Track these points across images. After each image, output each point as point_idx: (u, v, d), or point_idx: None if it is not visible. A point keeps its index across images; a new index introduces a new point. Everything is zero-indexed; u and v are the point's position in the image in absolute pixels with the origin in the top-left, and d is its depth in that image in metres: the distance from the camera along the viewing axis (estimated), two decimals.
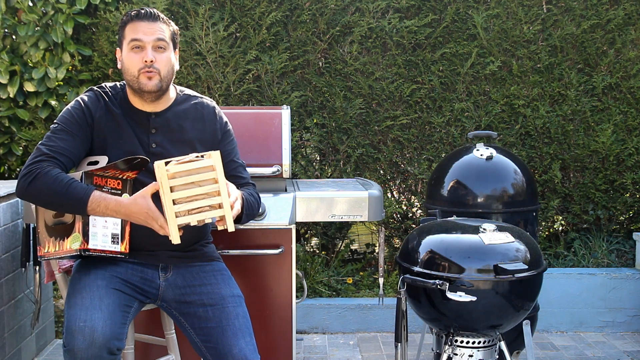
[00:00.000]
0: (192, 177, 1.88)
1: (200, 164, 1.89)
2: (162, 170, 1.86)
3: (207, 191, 1.89)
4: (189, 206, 1.88)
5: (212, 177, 1.89)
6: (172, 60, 2.14)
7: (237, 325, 2.10)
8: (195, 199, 1.89)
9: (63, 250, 2.01)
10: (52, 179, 1.95)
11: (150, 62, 2.06)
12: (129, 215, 1.96)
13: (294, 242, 2.66)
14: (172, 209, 1.87)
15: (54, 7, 3.85)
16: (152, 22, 2.10)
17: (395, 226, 4.35)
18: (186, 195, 1.88)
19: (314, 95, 4.14)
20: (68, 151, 2.05)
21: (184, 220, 1.88)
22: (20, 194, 2.01)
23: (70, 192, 1.94)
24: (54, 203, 1.98)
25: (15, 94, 3.95)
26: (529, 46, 4.09)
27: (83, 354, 1.86)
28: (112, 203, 1.96)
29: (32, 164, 1.99)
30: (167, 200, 1.87)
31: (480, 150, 2.89)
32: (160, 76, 2.09)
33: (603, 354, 3.50)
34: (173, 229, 1.88)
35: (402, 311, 2.31)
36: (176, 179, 1.87)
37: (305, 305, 3.78)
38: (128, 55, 2.10)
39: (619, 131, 4.13)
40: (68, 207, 1.98)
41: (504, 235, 2.33)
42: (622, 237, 4.28)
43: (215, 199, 1.90)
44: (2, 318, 2.94)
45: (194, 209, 1.89)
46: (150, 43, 2.08)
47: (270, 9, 3.96)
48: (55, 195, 1.95)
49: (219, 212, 1.90)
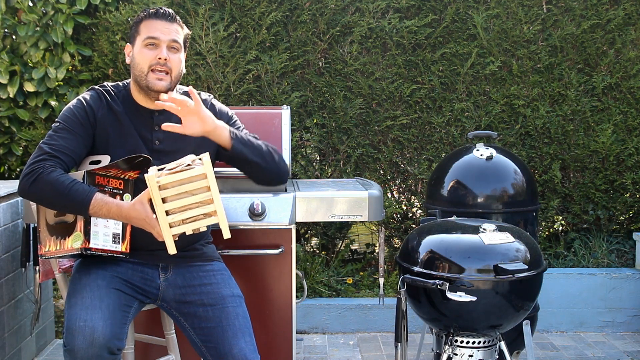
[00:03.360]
0: (184, 186, 1.87)
1: (191, 173, 1.88)
2: (152, 182, 1.86)
3: (201, 199, 1.89)
4: (183, 216, 1.88)
5: (205, 185, 1.88)
6: (182, 62, 2.17)
7: (237, 325, 2.11)
8: (188, 208, 1.88)
9: (64, 249, 2.01)
10: (54, 180, 1.96)
11: (164, 60, 2.09)
12: (129, 219, 1.98)
13: (294, 242, 2.66)
14: (165, 220, 1.87)
15: (54, 7, 3.84)
16: (169, 23, 2.13)
17: (395, 226, 4.35)
18: (179, 206, 1.87)
19: (314, 95, 4.14)
20: (70, 150, 2.05)
21: (178, 230, 1.89)
22: (23, 193, 2.02)
23: (72, 194, 1.95)
24: (55, 204, 1.99)
25: (15, 94, 3.95)
26: (529, 46, 4.08)
27: (83, 354, 1.86)
28: (113, 207, 1.97)
29: (34, 163, 1.99)
30: (160, 212, 1.87)
31: (480, 150, 2.89)
32: (171, 77, 2.12)
33: (603, 354, 3.50)
34: (168, 239, 1.88)
35: (402, 311, 2.31)
36: (168, 189, 1.87)
37: (305, 305, 3.78)
38: (141, 51, 2.11)
39: (619, 131, 4.13)
40: (70, 209, 1.99)
41: (504, 235, 2.33)
42: (622, 237, 4.27)
43: (209, 206, 1.89)
44: (2, 318, 2.94)
45: (188, 218, 1.89)
46: (165, 42, 2.11)
47: (270, 9, 3.95)
48: (57, 196, 1.96)
49: (213, 220, 1.90)
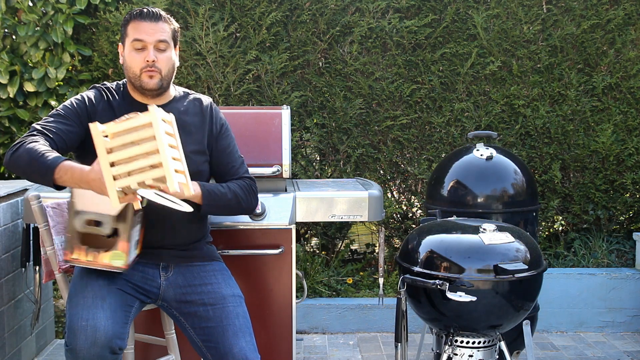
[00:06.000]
0: (129, 136, 1.76)
1: (136, 122, 1.77)
2: (95, 131, 1.75)
3: (146, 150, 1.75)
4: (127, 168, 1.75)
5: (150, 134, 1.75)
6: (172, 58, 2.18)
7: (237, 324, 2.11)
8: (134, 160, 1.75)
9: (99, 263, 1.99)
10: (30, 147, 1.93)
11: (152, 62, 2.10)
12: (89, 183, 1.86)
13: (294, 242, 2.66)
14: (109, 171, 1.75)
15: (54, 7, 3.84)
16: (154, 22, 2.13)
17: (395, 226, 4.35)
18: (124, 157, 1.75)
19: (314, 95, 4.14)
20: (61, 131, 2.05)
21: (123, 182, 1.76)
22: (5, 164, 2.00)
23: (42, 160, 1.90)
24: (28, 172, 1.94)
25: (15, 94, 3.95)
26: (529, 46, 4.08)
27: (85, 353, 1.86)
28: (77, 172, 1.88)
29: (22, 137, 2.00)
30: (103, 163, 1.75)
31: (480, 150, 2.89)
32: (161, 75, 2.14)
33: (603, 354, 3.50)
34: (111, 192, 1.76)
35: (402, 311, 2.31)
36: (114, 140, 1.76)
37: (305, 305, 3.78)
38: (130, 55, 2.13)
39: (619, 131, 4.13)
40: (39, 175, 1.92)
41: (504, 235, 2.32)
42: (622, 237, 4.27)
43: (154, 157, 1.75)
44: (2, 318, 2.94)
45: (134, 170, 1.76)
46: (152, 43, 2.11)
47: (270, 9, 3.95)
48: (29, 163, 1.91)
49: (159, 172, 1.76)
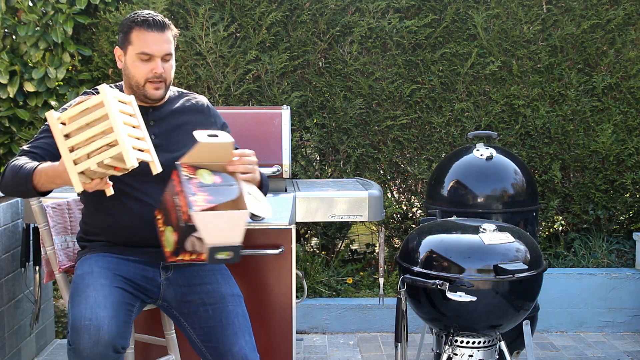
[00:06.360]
0: (83, 119, 1.79)
1: (88, 103, 1.78)
2: (51, 117, 1.78)
3: (101, 130, 1.77)
4: (86, 150, 1.77)
5: (103, 114, 1.77)
6: (174, 65, 2.20)
7: (237, 324, 2.11)
8: (91, 141, 1.77)
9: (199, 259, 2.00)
10: (12, 165, 2.00)
11: (160, 74, 2.13)
12: (61, 176, 1.89)
13: (294, 242, 2.66)
14: (69, 157, 1.78)
15: (54, 7, 3.84)
16: (160, 33, 2.12)
17: (395, 226, 4.35)
18: (81, 140, 1.77)
19: (314, 95, 4.14)
20: (46, 144, 2.07)
21: (84, 165, 1.77)
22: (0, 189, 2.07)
23: (21, 172, 1.96)
24: (15, 189, 2.01)
25: (15, 94, 3.94)
26: (529, 46, 4.08)
27: (89, 353, 1.85)
28: (49, 170, 1.93)
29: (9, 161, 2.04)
30: (62, 149, 1.78)
31: (480, 150, 2.89)
32: (165, 84, 2.17)
33: (603, 354, 3.50)
34: (73, 177, 1.78)
35: (402, 311, 2.31)
36: (70, 125, 1.79)
37: (305, 305, 3.78)
38: (134, 64, 2.12)
39: (619, 131, 4.13)
40: (23, 188, 1.97)
41: (504, 235, 2.33)
42: (622, 237, 4.27)
43: (110, 136, 1.76)
44: (2, 318, 2.94)
45: (92, 152, 1.77)
46: (160, 56, 2.12)
47: (270, 9, 3.95)
48: (12, 179, 1.98)
49: (117, 150, 1.76)
